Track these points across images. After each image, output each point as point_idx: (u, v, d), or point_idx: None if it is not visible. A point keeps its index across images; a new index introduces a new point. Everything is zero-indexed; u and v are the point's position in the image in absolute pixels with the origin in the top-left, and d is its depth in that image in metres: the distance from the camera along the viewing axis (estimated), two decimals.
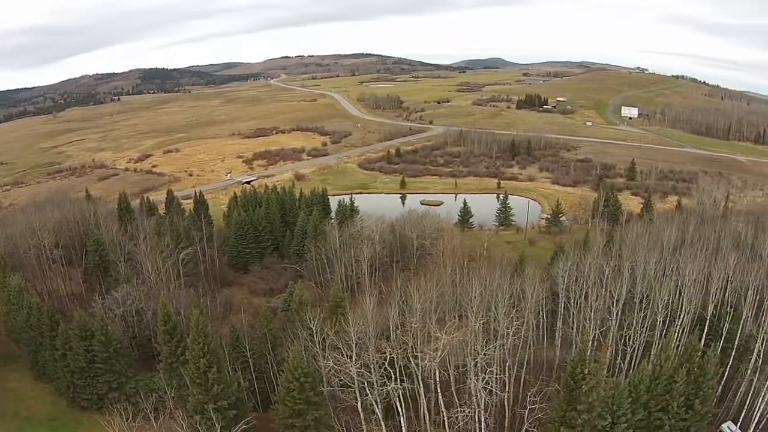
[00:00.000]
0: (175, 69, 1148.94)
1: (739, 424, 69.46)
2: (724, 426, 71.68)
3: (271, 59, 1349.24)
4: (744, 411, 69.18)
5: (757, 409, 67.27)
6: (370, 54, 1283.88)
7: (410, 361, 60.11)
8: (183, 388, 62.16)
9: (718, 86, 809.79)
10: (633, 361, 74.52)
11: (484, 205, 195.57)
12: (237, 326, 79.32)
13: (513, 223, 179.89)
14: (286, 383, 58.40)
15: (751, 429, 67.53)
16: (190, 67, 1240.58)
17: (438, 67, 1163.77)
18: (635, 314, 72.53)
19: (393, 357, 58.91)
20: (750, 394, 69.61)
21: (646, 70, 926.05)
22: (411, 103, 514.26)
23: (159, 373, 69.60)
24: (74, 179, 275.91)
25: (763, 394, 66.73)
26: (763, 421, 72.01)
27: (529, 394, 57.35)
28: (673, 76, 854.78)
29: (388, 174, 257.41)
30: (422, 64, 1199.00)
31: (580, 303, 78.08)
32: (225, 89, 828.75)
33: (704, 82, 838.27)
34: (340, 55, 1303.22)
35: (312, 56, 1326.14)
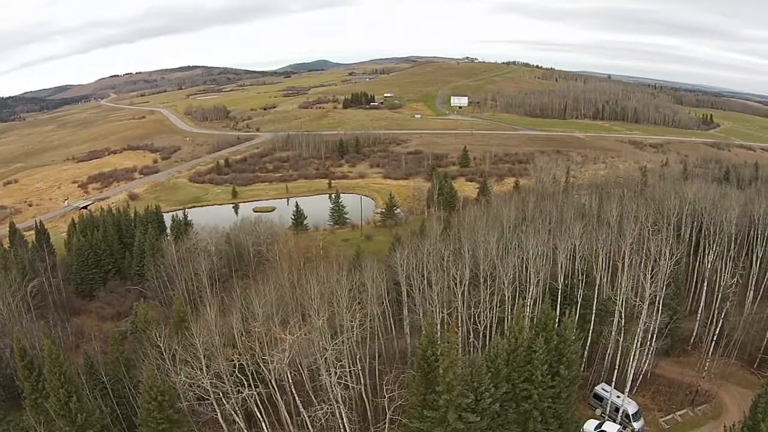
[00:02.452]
0: (10, 97, 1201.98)
1: (613, 384, 79.03)
2: (597, 388, 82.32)
3: (101, 79, 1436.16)
4: (616, 371, 79.14)
5: (630, 368, 76.97)
6: (196, 66, 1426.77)
7: (260, 366, 65.62)
8: (51, 422, 65.38)
9: (552, 69, 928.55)
10: (487, 338, 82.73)
11: (317, 206, 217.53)
12: (90, 354, 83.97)
13: (348, 220, 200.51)
14: (145, 404, 63.51)
15: (628, 386, 76.71)
16: (24, 93, 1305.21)
17: (263, 74, 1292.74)
18: (481, 293, 79.79)
19: (243, 363, 64.92)
20: (619, 355, 79.62)
21: (475, 59, 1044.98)
22: (238, 112, 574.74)
23: (26, 410, 72.28)
24: None
25: (633, 352, 76.61)
26: (639, 378, 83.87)
27: (385, 382, 63.24)
28: (504, 63, 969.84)
29: (219, 185, 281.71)
30: (247, 72, 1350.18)
31: (423, 289, 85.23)
32: (58, 113, 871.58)
33: (537, 66, 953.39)
34: (167, 69, 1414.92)
35: (140, 73, 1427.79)
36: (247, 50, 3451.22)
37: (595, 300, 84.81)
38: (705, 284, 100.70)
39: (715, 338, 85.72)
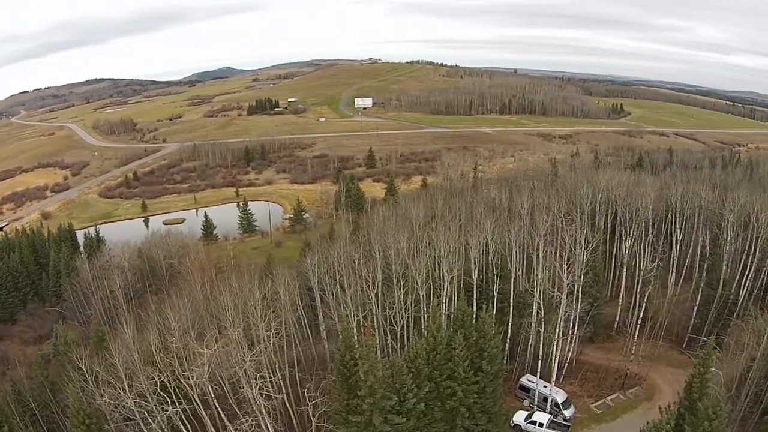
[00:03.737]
0: None
1: (539, 374, 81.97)
2: (523, 379, 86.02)
3: (12, 96, 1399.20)
4: (540, 361, 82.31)
5: (554, 357, 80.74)
6: (103, 79, 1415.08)
7: (181, 382, 66.36)
8: None
9: (457, 66, 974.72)
10: (404, 338, 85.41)
11: (226, 216, 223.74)
12: (16, 380, 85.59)
13: (257, 228, 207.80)
14: (74, 429, 64.21)
15: (554, 376, 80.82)
16: None
17: (169, 83, 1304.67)
18: (395, 293, 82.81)
19: (164, 381, 65.57)
20: (542, 345, 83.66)
21: (379, 60, 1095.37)
22: (144, 123, 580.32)
23: None
24: None
25: (555, 342, 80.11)
26: (565, 366, 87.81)
27: (306, 390, 65.30)
28: (408, 62, 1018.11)
29: (128, 199, 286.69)
30: (153, 82, 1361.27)
31: (336, 293, 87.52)
32: None
33: (442, 64, 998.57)
34: (74, 83, 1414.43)
35: (49, 88, 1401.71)
36: (152, 61, 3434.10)
37: (512, 293, 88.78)
38: (624, 270, 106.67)
39: (639, 322, 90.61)
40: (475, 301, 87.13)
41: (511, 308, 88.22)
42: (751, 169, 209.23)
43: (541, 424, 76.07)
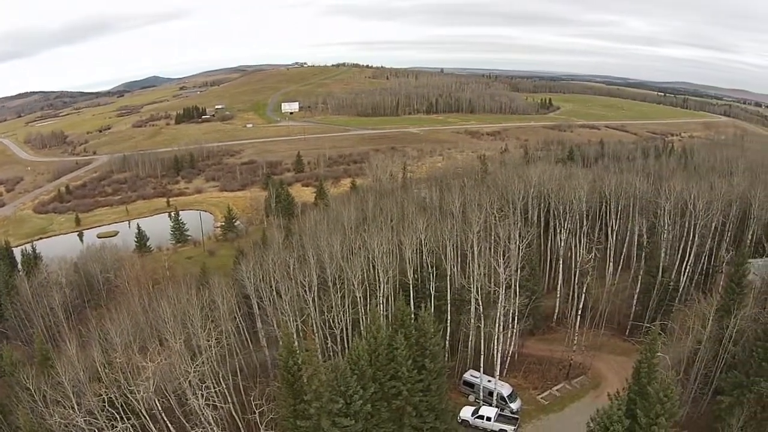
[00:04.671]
0: None
1: (482, 369, 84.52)
2: (466, 375, 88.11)
3: None
4: (482, 356, 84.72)
5: (496, 351, 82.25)
6: (33, 92, 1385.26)
7: (128, 397, 66.38)
8: None
9: (383, 67, 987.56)
10: (345, 341, 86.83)
11: (158, 226, 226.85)
12: None
13: (189, 238, 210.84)
14: None
15: (497, 370, 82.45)
16: None
17: (98, 94, 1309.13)
18: (332, 296, 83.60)
19: (111, 397, 65.52)
20: (483, 340, 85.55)
21: (305, 63, 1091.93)
22: (75, 136, 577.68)
23: None
24: None
25: (495, 336, 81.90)
26: (507, 360, 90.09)
27: (252, 398, 65.16)
28: (334, 65, 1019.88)
29: (62, 213, 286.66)
30: (82, 94, 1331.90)
31: (273, 299, 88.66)
32: None
33: (368, 66, 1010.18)
34: (5, 97, 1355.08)
35: None
36: (81, 72, 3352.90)
37: (449, 290, 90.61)
38: (561, 262, 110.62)
39: (580, 312, 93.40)
40: (412, 300, 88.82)
41: (449, 305, 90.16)
42: (686, 157, 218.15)
43: (489, 418, 77.80)
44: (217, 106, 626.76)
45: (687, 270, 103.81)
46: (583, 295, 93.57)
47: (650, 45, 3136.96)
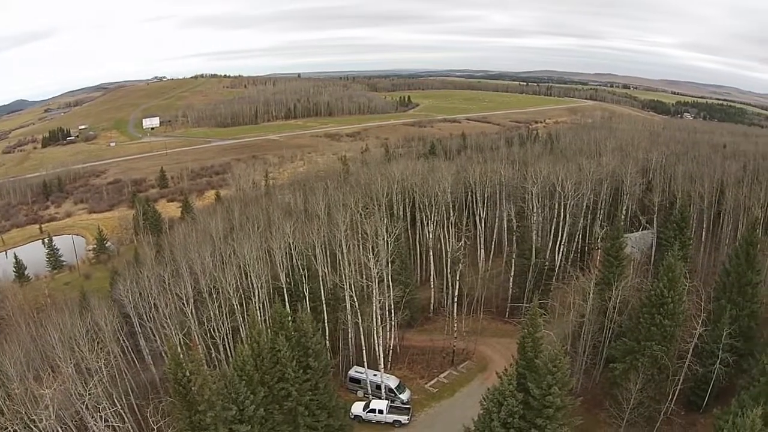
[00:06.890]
0: None
1: (366, 364, 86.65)
2: (351, 371, 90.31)
3: None
4: (364, 352, 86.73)
5: (377, 345, 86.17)
6: None
7: (32, 429, 64.21)
8: None
9: (240, 76, 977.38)
10: (228, 348, 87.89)
11: (35, 254, 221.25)
12: None
13: (65, 263, 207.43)
14: None
15: (381, 363, 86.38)
16: None
17: None
18: (209, 306, 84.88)
19: (15, 430, 63.66)
20: (362, 336, 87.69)
21: (164, 77, 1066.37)
22: None
23: None
24: None
25: (374, 331, 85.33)
26: (390, 353, 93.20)
27: (148, 415, 64.68)
28: (192, 77, 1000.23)
29: None
30: None
31: (153, 315, 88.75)
32: None
33: (226, 76, 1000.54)
34: None
35: None
36: None
37: (322, 290, 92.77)
38: (431, 253, 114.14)
39: (456, 300, 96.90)
40: (287, 303, 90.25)
41: (324, 305, 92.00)
42: (552, 142, 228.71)
43: (381, 411, 79.74)
44: (80, 127, 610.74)
45: (561, 249, 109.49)
46: (458, 283, 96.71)
47: (513, 37, 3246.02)
